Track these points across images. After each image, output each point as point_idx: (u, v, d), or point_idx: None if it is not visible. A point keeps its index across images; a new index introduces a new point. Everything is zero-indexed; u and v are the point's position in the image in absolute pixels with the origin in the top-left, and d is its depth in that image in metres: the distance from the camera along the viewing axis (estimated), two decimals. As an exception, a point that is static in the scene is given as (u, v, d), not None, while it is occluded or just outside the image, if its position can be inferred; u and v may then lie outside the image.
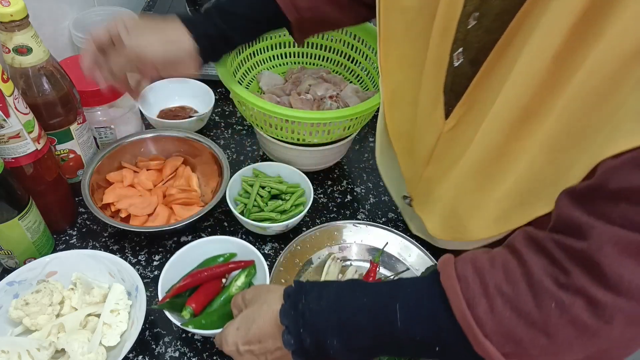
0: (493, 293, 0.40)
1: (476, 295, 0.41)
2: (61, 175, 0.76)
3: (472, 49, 0.52)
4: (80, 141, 0.78)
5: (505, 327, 0.39)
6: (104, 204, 0.79)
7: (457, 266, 0.44)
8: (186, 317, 0.65)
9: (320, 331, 0.48)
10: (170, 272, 0.69)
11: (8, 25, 0.62)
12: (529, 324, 0.39)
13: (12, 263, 0.72)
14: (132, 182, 0.83)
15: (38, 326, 0.64)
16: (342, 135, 0.83)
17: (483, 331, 0.40)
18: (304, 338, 0.48)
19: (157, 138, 0.88)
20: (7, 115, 0.62)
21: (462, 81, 0.55)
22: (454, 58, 0.55)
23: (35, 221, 0.70)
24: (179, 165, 0.87)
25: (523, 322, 0.39)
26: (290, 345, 0.49)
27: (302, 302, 0.49)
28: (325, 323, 0.48)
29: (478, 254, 0.45)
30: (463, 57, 0.54)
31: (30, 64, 0.66)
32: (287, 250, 0.77)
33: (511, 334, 0.39)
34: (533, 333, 0.39)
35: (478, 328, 0.40)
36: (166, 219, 0.80)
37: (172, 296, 0.67)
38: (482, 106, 0.52)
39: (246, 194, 0.84)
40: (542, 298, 0.38)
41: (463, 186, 0.59)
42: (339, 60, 0.99)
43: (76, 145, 0.78)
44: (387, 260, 0.80)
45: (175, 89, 1.00)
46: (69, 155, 0.78)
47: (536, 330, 0.38)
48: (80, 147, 0.78)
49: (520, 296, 0.39)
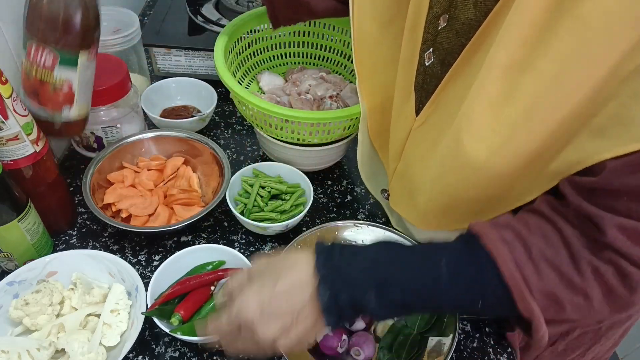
0: (537, 256, 0.43)
1: (522, 258, 0.43)
2: (60, 176, 0.76)
3: (442, 50, 0.52)
4: (82, 78, 0.69)
5: (549, 288, 0.42)
6: (104, 204, 0.79)
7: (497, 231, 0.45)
8: (175, 324, 0.65)
9: (357, 285, 0.46)
10: (160, 279, 0.69)
11: None
12: (570, 286, 0.42)
13: (12, 265, 0.72)
14: (133, 182, 0.83)
15: (38, 326, 0.64)
16: (342, 135, 0.83)
17: (530, 290, 0.42)
18: (339, 292, 0.46)
19: (158, 138, 0.88)
20: (6, 118, 0.62)
21: (432, 80, 0.55)
22: (425, 58, 0.55)
23: (34, 223, 0.70)
24: (179, 166, 0.88)
25: (565, 284, 0.42)
26: (323, 299, 0.46)
27: (338, 256, 0.47)
28: (363, 277, 0.46)
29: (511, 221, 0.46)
30: (434, 57, 0.54)
31: None
32: (287, 250, 0.77)
33: (553, 294, 0.43)
34: (573, 294, 0.42)
35: (526, 287, 0.42)
36: (167, 219, 0.80)
37: (161, 303, 0.67)
38: (448, 108, 0.52)
39: (246, 194, 0.84)
40: (581, 264, 0.42)
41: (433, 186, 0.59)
42: (339, 60, 0.99)
43: (75, 79, 0.68)
44: (387, 260, 0.80)
45: (178, 88, 1.00)
46: (63, 86, 0.68)
47: (575, 292, 0.42)
48: (79, 85, 0.69)
49: (562, 260, 0.42)
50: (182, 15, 1.10)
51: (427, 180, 0.59)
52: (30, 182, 0.70)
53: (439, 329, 0.70)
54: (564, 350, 0.75)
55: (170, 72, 1.06)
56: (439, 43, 0.53)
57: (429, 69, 0.55)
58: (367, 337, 0.69)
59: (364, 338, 0.69)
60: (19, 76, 0.78)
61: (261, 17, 0.90)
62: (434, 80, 0.55)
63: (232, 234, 0.83)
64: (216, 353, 0.69)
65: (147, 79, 1.05)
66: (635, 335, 0.93)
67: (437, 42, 0.53)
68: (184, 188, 0.84)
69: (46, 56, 0.65)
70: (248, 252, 0.80)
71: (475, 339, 0.74)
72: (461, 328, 0.74)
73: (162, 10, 1.11)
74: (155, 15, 1.09)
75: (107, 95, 0.81)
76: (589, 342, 0.75)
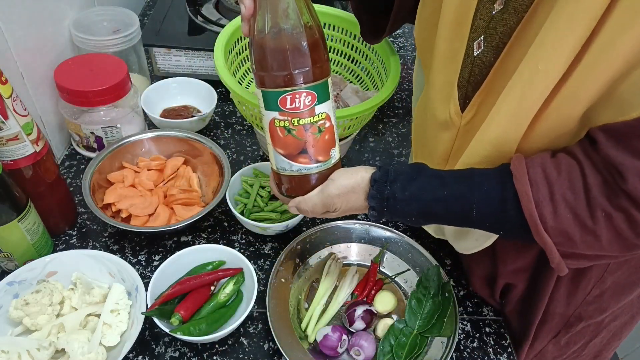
0: (558, 199, 0.48)
1: (544, 199, 0.49)
2: (60, 176, 0.76)
3: (496, 35, 0.52)
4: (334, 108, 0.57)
5: (564, 226, 0.49)
6: (104, 204, 0.79)
7: (530, 171, 0.50)
8: (175, 324, 0.65)
9: (401, 216, 0.57)
10: (160, 279, 0.69)
11: None
12: (583, 226, 0.48)
13: (12, 265, 0.72)
14: (133, 182, 0.83)
15: (38, 326, 0.64)
16: (342, 135, 0.83)
17: (545, 227, 0.49)
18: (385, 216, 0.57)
19: (158, 138, 0.88)
20: (6, 118, 0.62)
21: (481, 71, 0.55)
22: (473, 47, 0.55)
23: (34, 223, 0.70)
24: (179, 166, 0.88)
25: (579, 224, 0.48)
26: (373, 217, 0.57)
27: (388, 189, 0.55)
28: (407, 209, 0.55)
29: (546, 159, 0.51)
30: (484, 45, 0.54)
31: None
32: (287, 250, 0.77)
33: (567, 232, 0.49)
34: (584, 233, 0.48)
35: (541, 224, 0.49)
36: (167, 219, 0.80)
37: (161, 303, 0.67)
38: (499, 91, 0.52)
39: (246, 194, 0.84)
40: (595, 209, 0.47)
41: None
42: (339, 60, 0.99)
43: (331, 110, 0.56)
44: (387, 260, 0.80)
45: (178, 88, 1.00)
46: (325, 123, 0.56)
47: (587, 231, 0.48)
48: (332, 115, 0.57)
49: (579, 204, 0.48)
50: (182, 15, 1.10)
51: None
52: (30, 182, 0.70)
53: (439, 329, 0.70)
54: (567, 343, 0.76)
55: (170, 72, 1.06)
56: (492, 28, 0.52)
57: (478, 59, 0.55)
58: (367, 337, 0.69)
59: (364, 338, 0.69)
60: (19, 77, 0.78)
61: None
62: (484, 70, 0.55)
63: (232, 234, 0.83)
64: (216, 353, 0.69)
65: (147, 79, 1.05)
66: (635, 335, 0.94)
67: (490, 27, 0.53)
68: (184, 188, 0.84)
69: (304, 99, 0.53)
70: (248, 252, 0.80)
71: (475, 339, 0.74)
72: (461, 328, 0.74)
73: (162, 10, 1.11)
74: (155, 15, 1.09)
75: (107, 95, 0.81)
76: (590, 334, 0.75)
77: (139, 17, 0.97)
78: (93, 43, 0.90)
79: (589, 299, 0.68)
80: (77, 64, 0.82)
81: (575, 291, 0.67)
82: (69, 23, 0.91)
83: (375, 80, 0.92)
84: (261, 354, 0.69)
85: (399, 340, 0.70)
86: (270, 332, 0.68)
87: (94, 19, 0.94)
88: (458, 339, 0.72)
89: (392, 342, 0.70)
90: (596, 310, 0.70)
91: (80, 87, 0.77)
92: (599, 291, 0.67)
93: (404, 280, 0.79)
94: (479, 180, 0.53)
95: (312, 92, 0.53)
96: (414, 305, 0.73)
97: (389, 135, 1.04)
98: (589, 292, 0.67)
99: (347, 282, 0.76)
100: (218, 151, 0.84)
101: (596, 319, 0.72)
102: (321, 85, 0.54)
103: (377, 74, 0.91)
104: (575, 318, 0.71)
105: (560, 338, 0.75)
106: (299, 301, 0.75)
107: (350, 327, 0.71)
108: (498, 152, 0.54)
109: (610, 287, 0.67)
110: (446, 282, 0.75)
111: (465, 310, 0.77)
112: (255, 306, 0.73)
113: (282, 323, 0.70)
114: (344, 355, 0.70)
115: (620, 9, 0.41)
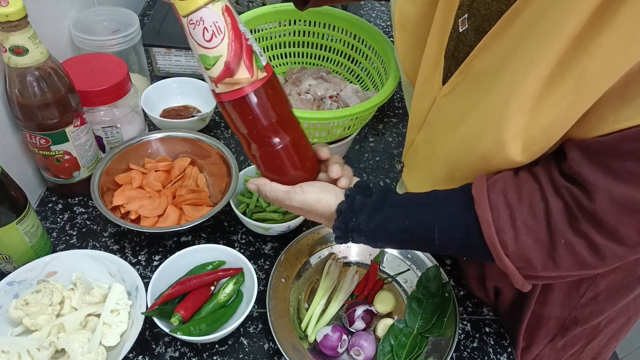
0: (519, 226, 0.49)
1: (505, 225, 0.49)
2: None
3: (479, 16, 0.52)
4: (77, 143, 0.77)
5: (525, 252, 0.49)
6: (113, 206, 0.79)
7: (490, 196, 0.50)
8: (175, 324, 0.65)
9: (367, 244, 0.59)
10: (160, 279, 0.69)
11: (5, 26, 0.62)
12: (543, 252, 0.48)
13: (10, 267, 0.72)
14: (141, 183, 0.83)
15: (38, 326, 0.64)
16: (342, 135, 0.83)
17: (505, 252, 0.49)
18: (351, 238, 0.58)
19: (164, 139, 0.87)
20: None
21: (464, 48, 0.55)
22: (459, 24, 0.55)
23: (33, 225, 0.70)
24: (186, 166, 0.87)
25: (539, 250, 0.48)
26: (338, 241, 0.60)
27: (353, 221, 0.56)
28: (373, 239, 0.57)
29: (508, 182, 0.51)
30: (468, 24, 0.54)
31: (25, 64, 0.66)
32: (287, 250, 0.77)
33: (528, 258, 0.49)
34: (544, 259, 0.49)
35: (502, 250, 0.49)
36: (177, 219, 0.80)
37: (161, 303, 0.67)
38: (477, 79, 0.52)
39: (248, 193, 0.84)
40: (556, 235, 0.47)
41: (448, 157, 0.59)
42: (339, 60, 0.99)
43: (72, 147, 0.77)
44: (387, 260, 0.80)
45: (178, 88, 1.00)
46: (64, 156, 0.77)
47: (547, 258, 0.49)
48: (76, 149, 0.78)
49: (540, 230, 0.48)
50: (182, 15, 1.09)
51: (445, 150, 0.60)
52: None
53: (439, 329, 0.70)
54: (563, 347, 0.75)
55: (170, 72, 1.06)
56: (475, 9, 0.52)
57: (463, 35, 0.55)
58: (367, 337, 0.69)
59: (364, 338, 0.69)
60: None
61: (261, 17, 0.90)
62: (465, 48, 0.55)
63: (232, 234, 0.83)
64: (216, 353, 0.69)
65: (147, 79, 1.05)
66: (635, 335, 0.93)
67: (474, 7, 0.52)
68: (192, 188, 0.84)
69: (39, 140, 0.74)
70: (248, 252, 0.80)
71: (475, 339, 0.74)
72: (461, 328, 0.74)
73: (162, 10, 1.11)
74: (155, 15, 1.09)
75: (107, 95, 0.81)
76: (587, 338, 0.75)
77: (139, 17, 0.97)
78: (93, 43, 0.90)
79: (583, 301, 0.68)
80: (77, 64, 0.82)
81: (568, 294, 0.67)
82: (69, 23, 0.91)
83: (375, 80, 0.92)
84: (261, 354, 0.69)
85: (399, 340, 0.70)
86: (270, 332, 0.68)
87: (94, 19, 0.94)
88: (458, 339, 0.72)
89: (392, 342, 0.70)
90: (592, 313, 0.70)
91: (80, 87, 0.77)
92: (592, 294, 0.67)
93: (404, 280, 0.79)
94: (440, 208, 0.54)
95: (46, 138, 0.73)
96: (414, 305, 0.73)
97: (389, 135, 1.04)
98: (583, 295, 0.67)
99: (347, 282, 0.76)
100: (225, 151, 0.84)
101: (592, 323, 0.72)
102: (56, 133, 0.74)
103: (377, 74, 0.91)
104: (571, 322, 0.71)
105: (556, 342, 0.74)
106: (299, 301, 0.75)
107: (350, 327, 0.71)
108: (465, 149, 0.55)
109: (605, 290, 0.67)
110: (446, 282, 0.75)
111: (465, 310, 0.77)
112: (255, 306, 0.73)
113: (282, 323, 0.70)
114: (344, 355, 0.70)
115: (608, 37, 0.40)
